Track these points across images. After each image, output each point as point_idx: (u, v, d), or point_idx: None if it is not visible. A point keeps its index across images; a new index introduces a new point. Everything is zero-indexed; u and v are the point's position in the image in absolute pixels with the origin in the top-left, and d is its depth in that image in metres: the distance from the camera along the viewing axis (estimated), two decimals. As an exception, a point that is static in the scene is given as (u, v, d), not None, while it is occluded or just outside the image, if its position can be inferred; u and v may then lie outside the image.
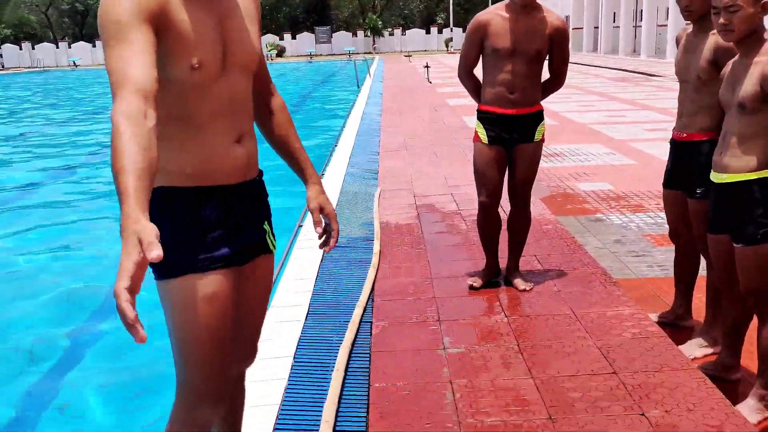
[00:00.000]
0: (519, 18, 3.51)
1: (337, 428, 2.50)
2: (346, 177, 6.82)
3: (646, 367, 2.84)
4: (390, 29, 57.50)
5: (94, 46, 55.40)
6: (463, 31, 56.74)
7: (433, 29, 56.43)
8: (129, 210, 1.18)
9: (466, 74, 3.78)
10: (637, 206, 5.69)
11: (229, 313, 1.67)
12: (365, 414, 2.59)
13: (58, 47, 55.15)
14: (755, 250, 2.57)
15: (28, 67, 51.81)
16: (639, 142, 8.95)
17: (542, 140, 3.73)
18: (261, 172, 1.79)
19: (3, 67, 51.99)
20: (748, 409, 2.60)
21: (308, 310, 3.60)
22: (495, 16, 3.55)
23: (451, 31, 54.39)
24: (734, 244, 2.64)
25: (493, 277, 3.89)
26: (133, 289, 1.10)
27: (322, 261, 4.36)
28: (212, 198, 1.63)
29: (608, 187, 6.46)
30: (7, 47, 53.89)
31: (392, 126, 11.10)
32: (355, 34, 56.08)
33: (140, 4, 1.41)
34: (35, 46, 54.82)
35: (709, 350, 3.18)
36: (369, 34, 55.34)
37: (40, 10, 60.98)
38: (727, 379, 2.88)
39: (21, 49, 54.18)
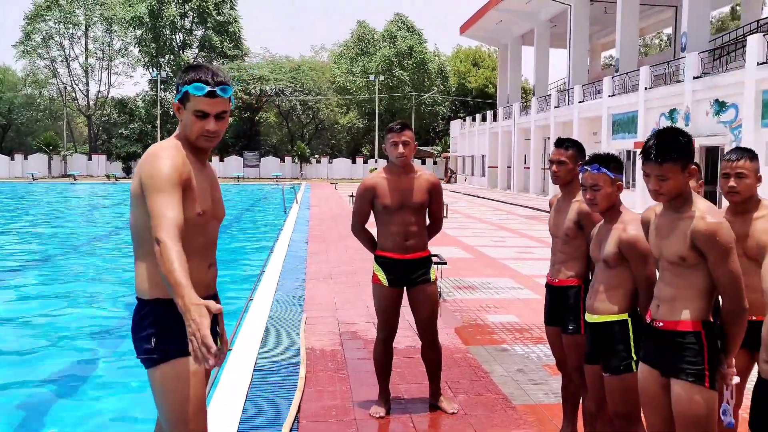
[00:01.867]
0: (400, 179, 4.20)
1: None
2: (274, 303, 7.19)
3: (536, 481, 3.28)
4: (317, 157, 59.72)
5: (13, 159, 54.32)
6: (387, 161, 59.81)
7: (359, 159, 58.99)
8: (190, 293, 1.96)
9: (360, 228, 4.36)
10: (538, 338, 6.30)
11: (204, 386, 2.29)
12: None
13: (-27, 159, 53.89)
14: (620, 378, 3.14)
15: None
16: (543, 278, 9.69)
17: (435, 280, 4.31)
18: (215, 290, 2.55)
19: None
20: None
21: (238, 431, 3.88)
22: (380, 179, 4.21)
23: (376, 162, 56.96)
24: (603, 374, 3.20)
25: (388, 404, 4.27)
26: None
27: (251, 384, 4.66)
28: None
29: (514, 319, 7.09)
30: None
31: (318, 253, 11.64)
32: (283, 160, 57.85)
33: (180, 173, 2.26)
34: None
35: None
36: (297, 160, 57.24)
37: (-39, 123, 59.94)
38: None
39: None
